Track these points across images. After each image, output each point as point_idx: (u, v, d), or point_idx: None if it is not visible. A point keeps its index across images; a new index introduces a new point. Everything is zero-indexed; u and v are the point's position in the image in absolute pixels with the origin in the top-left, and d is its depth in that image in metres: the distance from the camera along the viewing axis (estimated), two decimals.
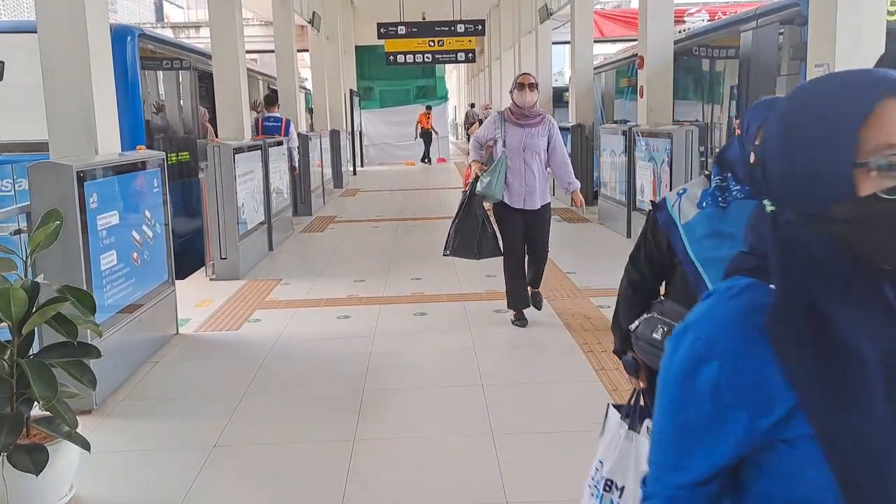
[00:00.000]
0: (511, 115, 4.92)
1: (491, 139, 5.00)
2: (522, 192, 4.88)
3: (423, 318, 5.41)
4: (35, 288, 2.88)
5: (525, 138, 4.87)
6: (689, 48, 8.81)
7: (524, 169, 4.86)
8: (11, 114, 6.81)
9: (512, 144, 4.87)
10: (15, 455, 2.65)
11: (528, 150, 4.87)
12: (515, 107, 4.90)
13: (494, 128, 4.97)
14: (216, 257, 6.84)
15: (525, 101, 4.85)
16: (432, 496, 2.92)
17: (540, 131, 4.91)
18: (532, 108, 4.87)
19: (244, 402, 3.90)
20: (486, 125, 5.08)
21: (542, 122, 4.93)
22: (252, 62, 12.84)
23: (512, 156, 4.85)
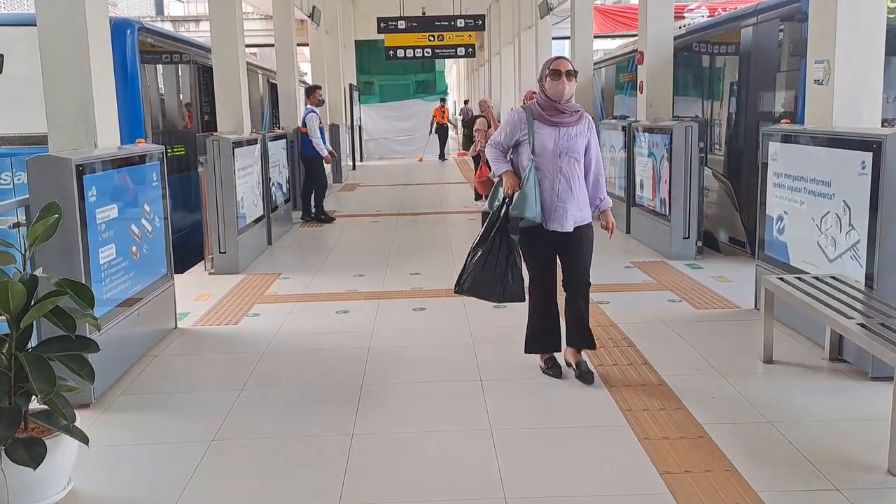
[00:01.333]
0: (541, 110, 3.87)
1: (514, 142, 3.96)
2: (557, 210, 3.83)
3: (422, 312, 5.41)
4: (33, 281, 2.88)
5: (561, 140, 3.83)
6: (689, 44, 8.79)
7: (560, 179, 3.83)
8: (11, 106, 6.80)
9: (545, 148, 3.82)
10: (13, 449, 2.65)
11: (566, 154, 3.84)
12: (547, 100, 3.86)
13: (520, 127, 3.89)
14: (215, 251, 6.84)
15: (561, 92, 3.80)
16: (430, 490, 2.92)
17: (579, 131, 3.88)
18: (568, 101, 3.86)
19: (243, 396, 3.90)
20: (509, 124, 3.97)
21: (580, 120, 3.90)
22: (252, 56, 12.81)
23: (543, 163, 3.83)
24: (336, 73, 16.51)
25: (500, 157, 3.99)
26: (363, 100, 23.42)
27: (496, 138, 4.03)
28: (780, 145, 4.90)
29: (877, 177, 3.86)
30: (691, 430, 3.35)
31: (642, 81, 7.98)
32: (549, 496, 2.86)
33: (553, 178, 3.83)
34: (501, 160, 3.98)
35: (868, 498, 2.80)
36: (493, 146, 4.03)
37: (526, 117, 3.89)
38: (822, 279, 4.11)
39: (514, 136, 3.93)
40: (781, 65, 6.92)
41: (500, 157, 3.99)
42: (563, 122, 3.84)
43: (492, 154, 4.02)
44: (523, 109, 3.94)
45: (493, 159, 4.00)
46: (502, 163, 3.97)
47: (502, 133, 4.00)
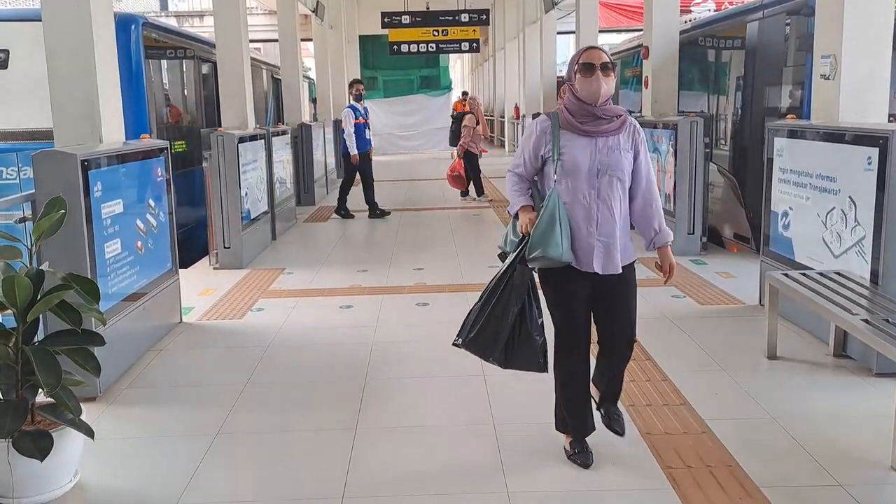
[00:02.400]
0: (570, 116, 2.94)
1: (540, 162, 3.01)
2: (598, 247, 2.91)
3: (425, 308, 5.42)
4: (40, 276, 2.90)
5: (598, 154, 2.90)
6: (694, 39, 8.76)
7: (598, 206, 2.91)
8: (16, 102, 6.82)
9: (577, 165, 2.90)
10: (20, 441, 2.68)
11: (604, 173, 2.90)
12: (578, 103, 2.93)
13: (544, 140, 2.97)
14: (220, 246, 6.85)
15: (596, 92, 2.88)
16: (433, 484, 2.94)
17: (621, 143, 2.94)
18: (606, 103, 2.93)
19: (247, 390, 3.92)
20: (531, 138, 3.03)
21: (622, 128, 2.95)
22: (256, 51, 12.82)
23: (575, 184, 2.90)
24: (340, 68, 16.50)
25: (519, 189, 3.05)
26: (367, 95, 23.39)
27: (516, 161, 3.08)
28: (785, 140, 4.89)
29: (883, 172, 3.84)
30: (694, 425, 3.35)
31: (647, 76, 7.96)
32: (552, 490, 2.87)
33: (589, 204, 2.89)
34: (519, 192, 3.05)
35: (871, 494, 2.80)
36: (513, 172, 3.08)
37: (550, 125, 2.95)
38: (827, 275, 4.10)
39: (537, 153, 2.97)
40: (788, 60, 6.90)
41: (519, 189, 3.05)
42: (600, 130, 2.90)
43: (510, 183, 3.09)
44: (547, 116, 3.00)
45: (510, 191, 3.08)
46: (519, 196, 3.04)
47: (524, 152, 3.03)
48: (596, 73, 2.87)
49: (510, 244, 3.06)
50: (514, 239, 3.04)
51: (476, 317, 3.02)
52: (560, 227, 2.85)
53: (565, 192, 2.91)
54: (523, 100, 17.29)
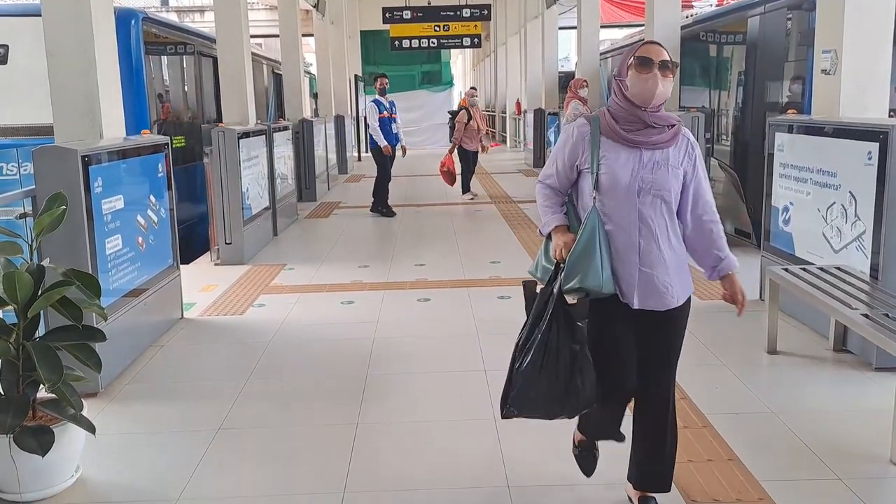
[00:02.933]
0: (613, 121, 2.49)
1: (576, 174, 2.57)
2: (643, 279, 2.47)
3: (427, 303, 5.43)
4: (40, 271, 2.90)
5: (642, 170, 2.44)
6: (696, 34, 8.75)
7: (638, 231, 2.46)
8: (16, 97, 6.82)
9: (616, 181, 2.45)
10: (21, 436, 2.68)
11: (648, 192, 2.44)
12: (626, 105, 2.47)
13: (581, 148, 2.52)
14: (221, 242, 6.86)
15: (651, 93, 2.42)
16: (434, 479, 2.94)
17: (670, 159, 2.47)
18: (658, 109, 2.47)
19: (248, 385, 3.93)
20: (566, 144, 2.58)
21: (674, 140, 2.48)
22: (257, 47, 12.81)
23: (614, 203, 2.46)
24: (341, 63, 16.49)
25: (551, 205, 2.63)
26: (368, 91, 23.38)
27: (547, 170, 2.65)
28: (786, 136, 4.88)
29: (883, 167, 3.84)
30: (695, 420, 3.36)
31: None
32: (552, 484, 2.88)
33: (629, 228, 2.44)
34: (551, 208, 2.62)
35: (870, 487, 2.81)
36: (543, 184, 2.65)
37: (589, 131, 2.50)
38: (827, 270, 4.10)
39: (573, 162, 2.54)
40: (789, 55, 6.88)
41: (551, 205, 2.63)
42: (648, 141, 2.44)
43: (541, 197, 2.65)
44: (587, 121, 2.55)
45: (541, 206, 2.65)
46: (552, 212, 2.61)
47: (557, 161, 2.59)
48: (653, 71, 2.41)
49: (542, 271, 2.60)
50: (547, 265, 2.58)
51: (522, 380, 2.48)
52: (601, 251, 2.43)
53: (604, 212, 2.47)
54: (525, 95, 17.27)
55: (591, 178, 2.48)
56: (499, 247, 7.44)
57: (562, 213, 2.60)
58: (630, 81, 2.46)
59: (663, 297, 2.48)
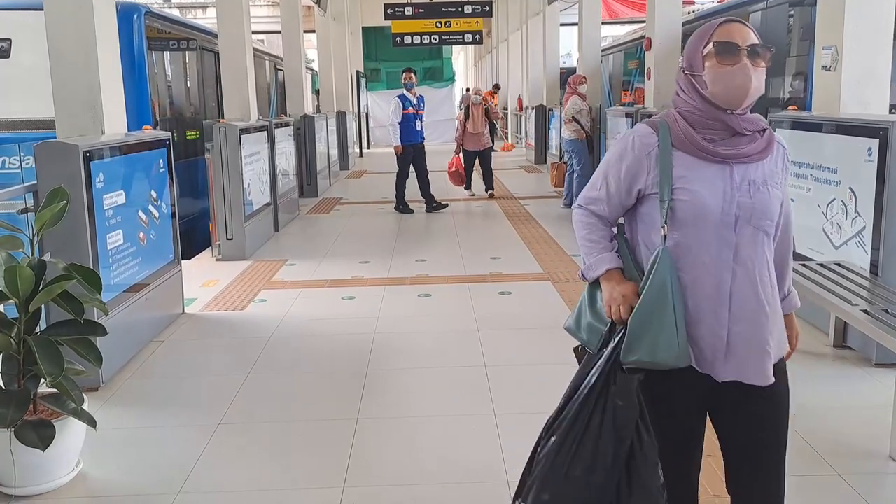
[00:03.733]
0: (690, 128, 1.84)
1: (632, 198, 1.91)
2: (732, 342, 1.81)
3: (427, 299, 5.43)
4: (42, 266, 2.91)
5: (738, 192, 1.80)
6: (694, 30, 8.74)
7: (732, 276, 1.80)
8: (19, 91, 6.83)
9: (701, 208, 1.80)
10: (22, 431, 2.69)
11: (746, 223, 1.80)
12: (704, 105, 1.83)
13: (644, 166, 1.86)
14: (222, 238, 6.87)
15: (741, 89, 1.78)
16: (434, 475, 2.95)
17: (770, 172, 1.85)
18: (746, 111, 1.84)
19: (249, 380, 3.94)
20: (623, 157, 1.90)
21: (769, 148, 1.86)
22: (259, 43, 12.81)
23: (697, 239, 1.81)
24: (343, 59, 16.49)
25: (596, 239, 1.94)
26: (370, 87, 23.39)
27: (590, 192, 1.96)
28: (786, 132, 4.88)
29: (883, 163, 3.84)
30: None
31: (650, 68, 7.94)
32: None
33: (719, 273, 1.78)
34: (598, 243, 1.94)
35: (870, 483, 2.81)
36: (584, 209, 1.97)
37: (659, 146, 1.83)
38: (828, 266, 4.10)
39: (631, 185, 1.87)
40: (791, 50, 6.87)
41: (596, 239, 1.94)
42: (739, 153, 1.80)
43: (581, 227, 1.97)
44: (652, 129, 1.86)
45: (582, 239, 1.97)
46: (599, 249, 1.93)
47: (607, 179, 1.91)
48: (741, 61, 1.76)
49: (588, 331, 1.95)
50: (594, 322, 1.92)
51: (546, 468, 1.87)
52: (675, 313, 1.75)
53: (680, 253, 1.79)
54: (526, 92, 17.26)
55: (662, 206, 1.78)
56: (499, 243, 7.44)
57: (614, 253, 1.91)
58: (710, 77, 1.79)
59: (763, 363, 1.79)
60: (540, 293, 5.47)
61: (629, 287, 1.85)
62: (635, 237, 1.92)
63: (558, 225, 8.26)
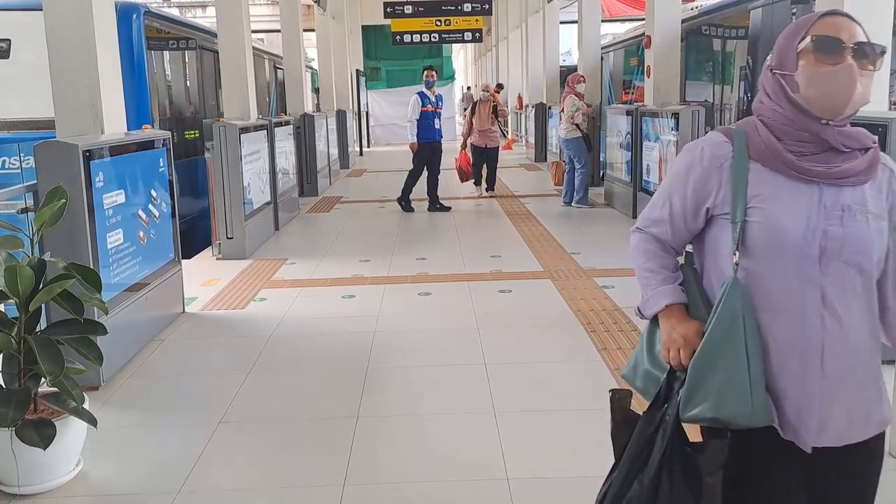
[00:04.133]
0: (773, 139, 1.52)
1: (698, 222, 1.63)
2: (813, 396, 1.48)
3: (428, 297, 5.43)
4: (42, 265, 2.91)
5: (822, 219, 1.48)
6: (702, 26, 8.70)
7: (821, 320, 1.48)
8: (18, 91, 6.83)
9: (780, 234, 1.48)
10: (23, 429, 2.70)
11: (835, 257, 1.48)
12: (794, 115, 1.51)
13: (715, 182, 1.56)
14: (222, 237, 6.87)
15: (843, 95, 1.48)
16: (434, 473, 2.95)
17: (872, 199, 1.51)
18: (845, 121, 1.53)
19: (249, 379, 3.94)
20: (690, 171, 1.60)
21: (871, 169, 1.52)
22: (258, 42, 12.81)
23: (775, 272, 1.49)
24: (343, 58, 16.48)
25: (657, 266, 1.67)
26: (370, 85, 23.39)
27: (651, 212, 1.70)
28: None
29: None
30: None
31: (649, 65, 7.94)
32: (551, 477, 2.88)
33: (805, 314, 1.49)
34: (658, 273, 1.66)
35: None
36: (644, 232, 1.71)
37: (733, 158, 1.55)
38: None
39: (699, 204, 1.61)
40: None
41: (657, 266, 1.67)
42: (832, 171, 1.51)
43: (638, 254, 1.70)
44: (726, 137, 1.58)
45: (640, 268, 1.69)
46: (659, 280, 1.65)
47: (671, 197, 1.65)
48: (845, 61, 1.47)
49: (645, 378, 1.65)
50: (652, 370, 1.63)
51: None
52: (748, 355, 1.46)
53: (755, 287, 1.50)
54: (526, 90, 17.26)
55: (734, 229, 1.50)
56: (500, 241, 7.44)
57: (676, 284, 1.63)
58: (804, 78, 1.49)
59: (863, 423, 1.52)
60: (540, 291, 5.47)
61: (692, 326, 1.56)
62: (704, 267, 1.63)
63: (558, 223, 8.26)
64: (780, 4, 6.95)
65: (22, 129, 6.66)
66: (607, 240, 7.29)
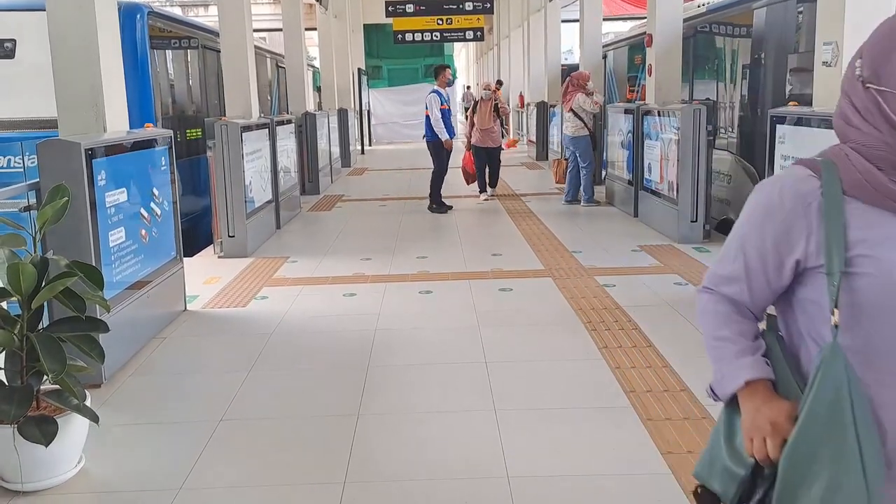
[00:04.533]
0: (870, 167, 1.24)
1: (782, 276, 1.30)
2: None
3: (429, 296, 5.44)
4: (44, 263, 2.93)
5: None
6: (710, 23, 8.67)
7: None
8: (24, 91, 6.85)
9: (891, 287, 1.18)
10: (25, 426, 2.71)
11: None
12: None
13: (803, 226, 1.25)
14: (224, 235, 6.89)
15: None
16: (434, 470, 2.96)
17: None
18: None
19: (250, 377, 3.95)
20: (768, 215, 1.29)
21: None
22: (261, 41, 12.82)
23: (885, 336, 1.19)
24: (344, 57, 16.48)
25: (731, 333, 1.38)
26: (372, 84, 23.40)
27: (722, 267, 1.40)
28: (787, 128, 4.88)
29: None
30: (694, 411, 3.37)
31: (651, 64, 7.94)
32: (552, 475, 2.89)
33: None
34: (734, 342, 1.38)
35: None
36: (715, 292, 1.41)
37: (823, 195, 1.26)
38: None
39: (783, 256, 1.30)
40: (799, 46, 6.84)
41: (731, 333, 1.38)
42: None
43: (710, 316, 1.42)
44: (809, 170, 1.33)
45: (711, 335, 1.43)
46: (736, 350, 1.37)
47: (743, 246, 1.35)
48: None
49: (723, 477, 1.36)
50: (733, 467, 1.33)
51: None
52: (861, 448, 1.17)
53: (863, 355, 1.22)
54: (528, 89, 17.25)
55: (830, 283, 1.22)
56: (500, 239, 7.45)
57: (758, 355, 1.33)
58: None
59: None
60: (540, 290, 5.48)
61: (782, 408, 1.24)
62: (794, 333, 1.31)
63: (559, 221, 8.26)
64: (783, 4, 6.93)
65: (28, 129, 6.68)
66: (608, 238, 7.30)
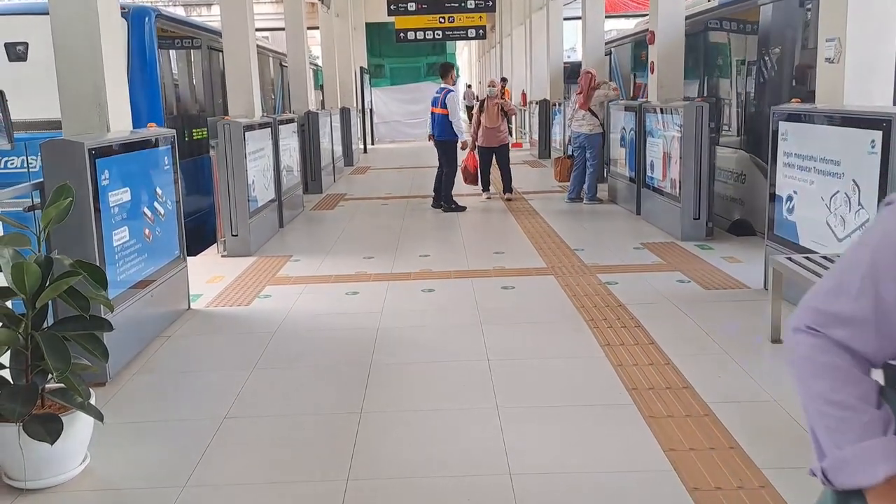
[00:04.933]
0: None
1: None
2: None
3: (431, 294, 5.45)
4: (48, 262, 2.94)
5: None
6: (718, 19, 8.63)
7: None
8: (36, 93, 6.86)
9: None
10: (30, 425, 2.72)
11: None
12: None
13: None
14: (227, 234, 6.90)
15: None
16: (437, 468, 2.97)
17: None
18: None
19: (254, 375, 3.97)
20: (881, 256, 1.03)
21: None
22: (263, 40, 12.83)
23: None
24: (347, 56, 16.49)
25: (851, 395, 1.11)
26: (374, 83, 23.41)
27: (833, 307, 1.13)
28: (789, 124, 4.88)
29: (886, 155, 3.84)
30: (697, 408, 3.38)
31: (653, 61, 7.93)
32: (554, 473, 2.90)
33: None
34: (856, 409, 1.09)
35: None
36: (826, 338, 1.15)
37: None
38: (831, 259, 4.11)
39: None
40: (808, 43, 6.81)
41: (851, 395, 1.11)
42: None
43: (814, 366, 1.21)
44: None
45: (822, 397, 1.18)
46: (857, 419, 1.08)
47: (873, 280, 1.06)
48: None
49: None
50: None
51: None
52: None
53: None
54: (530, 86, 17.24)
55: None
56: (503, 238, 7.46)
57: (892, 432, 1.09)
58: None
59: None
60: (543, 287, 5.48)
61: None
62: None
63: (562, 219, 8.26)
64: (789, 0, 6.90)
65: (43, 130, 6.69)
66: (611, 236, 7.31)
